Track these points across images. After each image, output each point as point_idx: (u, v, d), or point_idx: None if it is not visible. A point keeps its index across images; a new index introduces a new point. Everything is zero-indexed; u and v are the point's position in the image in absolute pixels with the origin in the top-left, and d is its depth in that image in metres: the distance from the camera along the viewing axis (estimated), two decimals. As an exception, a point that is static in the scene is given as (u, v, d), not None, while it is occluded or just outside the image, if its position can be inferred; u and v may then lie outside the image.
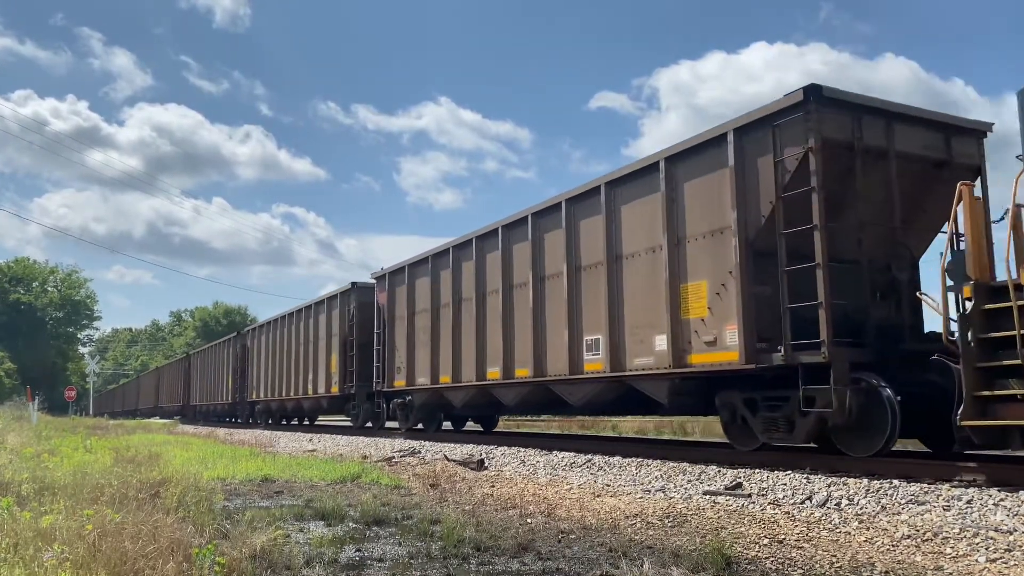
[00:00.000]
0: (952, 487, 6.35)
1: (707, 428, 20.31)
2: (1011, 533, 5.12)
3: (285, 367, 24.82)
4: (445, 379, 14.84)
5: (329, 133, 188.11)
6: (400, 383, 16.79)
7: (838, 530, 5.65)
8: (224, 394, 32.68)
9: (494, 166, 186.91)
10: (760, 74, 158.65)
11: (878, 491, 6.48)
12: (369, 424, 19.13)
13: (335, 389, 20.47)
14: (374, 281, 18.48)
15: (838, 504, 6.43)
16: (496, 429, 19.52)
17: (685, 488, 7.75)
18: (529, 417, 26.56)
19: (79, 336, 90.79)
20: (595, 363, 10.75)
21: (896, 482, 6.68)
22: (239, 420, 31.03)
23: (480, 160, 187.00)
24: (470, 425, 18.78)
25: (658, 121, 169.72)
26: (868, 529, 5.58)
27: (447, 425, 17.92)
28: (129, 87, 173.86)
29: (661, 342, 9.54)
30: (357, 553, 5.10)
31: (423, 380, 15.79)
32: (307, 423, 26.78)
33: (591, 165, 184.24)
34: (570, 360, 11.18)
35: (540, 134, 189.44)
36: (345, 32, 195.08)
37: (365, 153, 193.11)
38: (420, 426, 16.95)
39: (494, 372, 13.27)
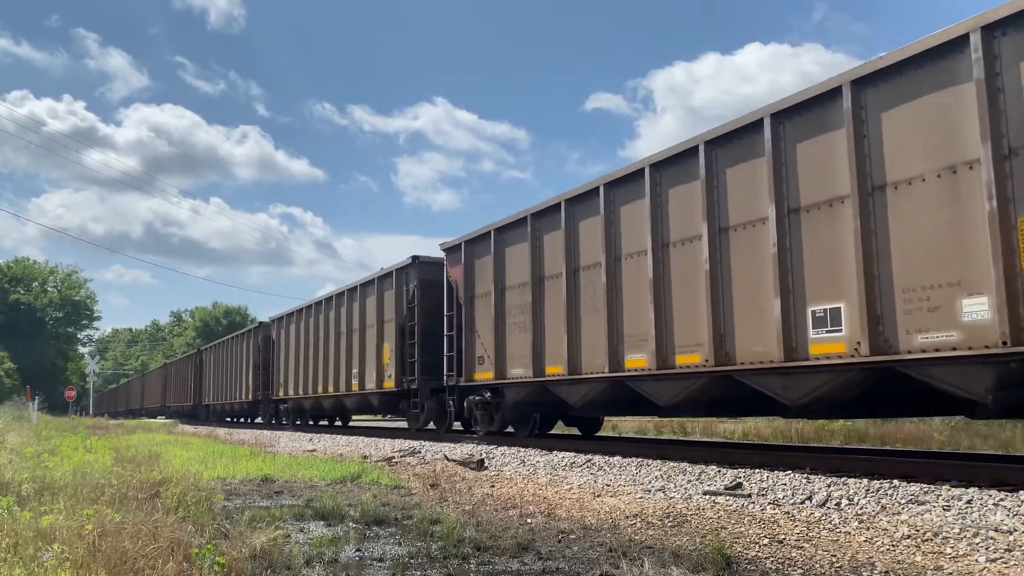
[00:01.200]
0: (952, 487, 6.34)
1: (707, 428, 20.31)
2: (1011, 533, 5.11)
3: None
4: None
5: (326, 134, 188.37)
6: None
7: (838, 530, 5.65)
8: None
9: (491, 167, 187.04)
10: (755, 75, 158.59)
11: (878, 491, 6.48)
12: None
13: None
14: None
15: (838, 504, 6.43)
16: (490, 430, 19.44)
17: (685, 488, 7.74)
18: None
19: (79, 336, 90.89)
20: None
21: (896, 482, 6.67)
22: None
23: (477, 161, 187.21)
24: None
25: (653, 122, 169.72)
26: (868, 529, 5.58)
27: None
28: (125, 88, 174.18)
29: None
30: (357, 553, 5.09)
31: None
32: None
33: (588, 166, 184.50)
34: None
35: (537, 135, 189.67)
36: (340, 33, 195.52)
37: (362, 153, 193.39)
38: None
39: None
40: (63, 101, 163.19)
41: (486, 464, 10.87)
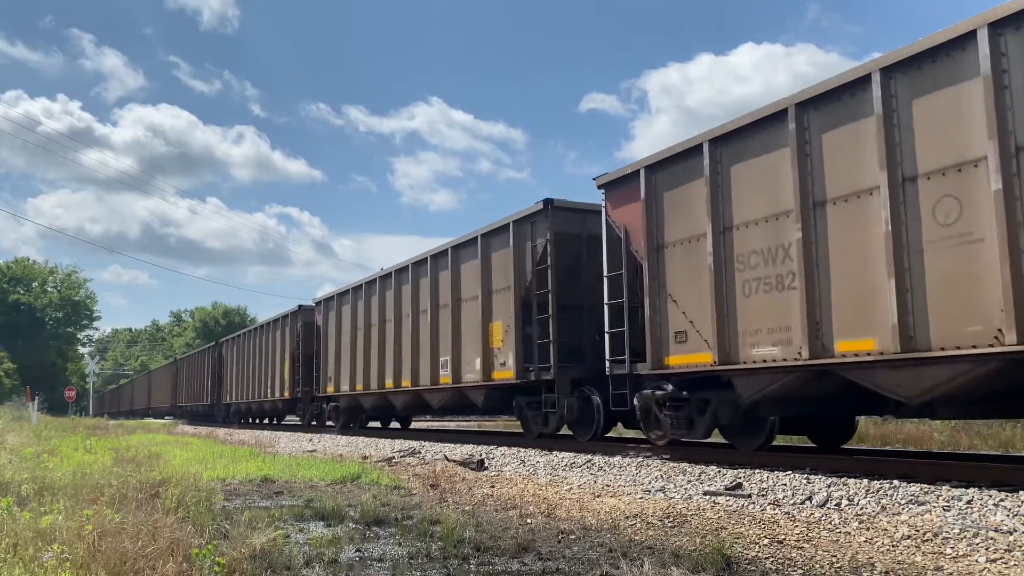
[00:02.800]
0: (952, 487, 6.34)
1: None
2: (1011, 533, 5.12)
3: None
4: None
5: (322, 134, 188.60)
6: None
7: (838, 530, 5.65)
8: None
9: (488, 167, 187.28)
10: (749, 75, 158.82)
11: (878, 491, 6.48)
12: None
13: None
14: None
15: (838, 504, 6.43)
16: (493, 429, 21.45)
17: (685, 488, 7.74)
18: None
19: (79, 336, 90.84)
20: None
21: (896, 482, 6.67)
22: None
23: (474, 161, 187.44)
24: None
25: (649, 123, 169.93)
26: (868, 529, 5.58)
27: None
28: (121, 88, 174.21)
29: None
30: (357, 553, 5.09)
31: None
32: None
33: (585, 167, 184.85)
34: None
35: (533, 135, 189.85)
36: (333, 33, 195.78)
37: (359, 154, 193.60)
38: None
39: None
40: (58, 101, 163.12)
41: (486, 464, 10.87)
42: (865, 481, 6.83)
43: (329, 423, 21.36)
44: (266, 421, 30.76)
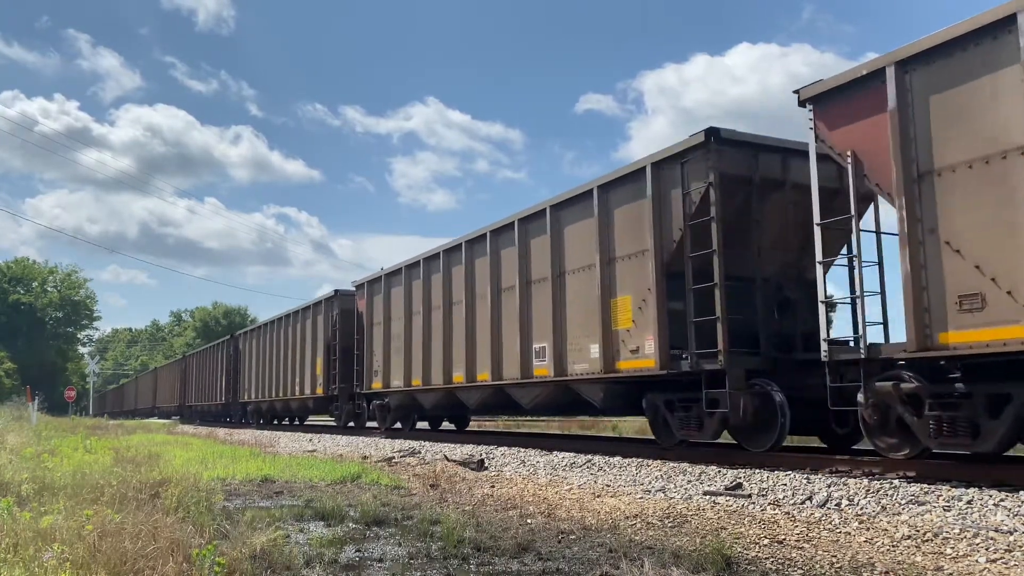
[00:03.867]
0: (952, 487, 6.34)
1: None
2: (1011, 533, 5.12)
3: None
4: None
5: (319, 134, 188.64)
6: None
7: (838, 530, 5.65)
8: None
9: (485, 167, 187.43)
10: (744, 76, 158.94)
11: (878, 491, 6.48)
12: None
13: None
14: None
15: (838, 504, 6.43)
16: (493, 429, 20.20)
17: (685, 488, 7.74)
18: (530, 418, 26.43)
19: (79, 336, 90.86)
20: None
21: (896, 482, 6.67)
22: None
23: (472, 161, 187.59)
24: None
25: (645, 124, 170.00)
26: (868, 529, 5.58)
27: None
28: (118, 88, 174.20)
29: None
30: (357, 553, 5.09)
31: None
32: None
33: (583, 167, 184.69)
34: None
35: (531, 136, 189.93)
36: (328, 34, 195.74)
37: (356, 154, 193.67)
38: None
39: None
40: (55, 101, 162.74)
41: (486, 464, 10.87)
42: (865, 481, 6.83)
43: (371, 424, 18.99)
44: (286, 422, 27.85)
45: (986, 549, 4.84)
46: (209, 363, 35.89)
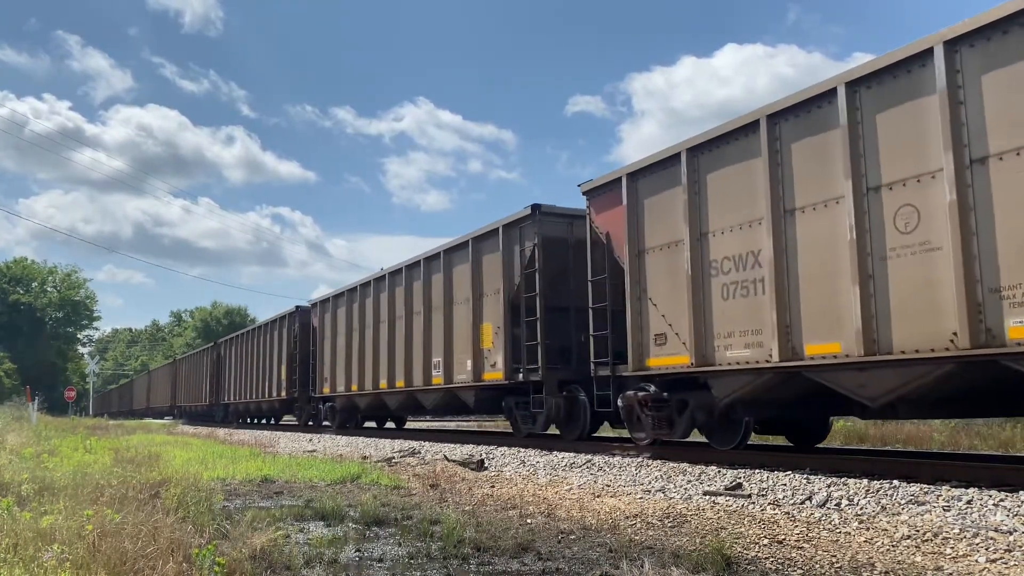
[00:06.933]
0: (952, 487, 6.34)
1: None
2: (1011, 533, 5.12)
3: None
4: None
5: (312, 135, 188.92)
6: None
7: (838, 530, 5.65)
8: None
9: (479, 167, 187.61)
10: (731, 77, 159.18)
11: (878, 491, 6.48)
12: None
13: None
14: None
15: (838, 504, 6.43)
16: (493, 430, 21.03)
17: (685, 488, 7.75)
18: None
19: (79, 336, 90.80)
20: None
21: (896, 482, 6.67)
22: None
23: (465, 161, 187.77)
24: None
25: (636, 125, 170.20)
26: (868, 529, 5.58)
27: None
28: (109, 88, 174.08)
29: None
30: (357, 553, 5.09)
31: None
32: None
33: (576, 168, 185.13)
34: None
35: (523, 137, 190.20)
36: (317, 35, 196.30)
37: (349, 154, 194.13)
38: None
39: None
40: (46, 102, 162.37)
41: (486, 464, 10.87)
42: (865, 481, 6.83)
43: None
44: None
45: (986, 549, 4.84)
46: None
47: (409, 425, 23.77)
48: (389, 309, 17.27)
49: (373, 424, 22.26)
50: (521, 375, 12.30)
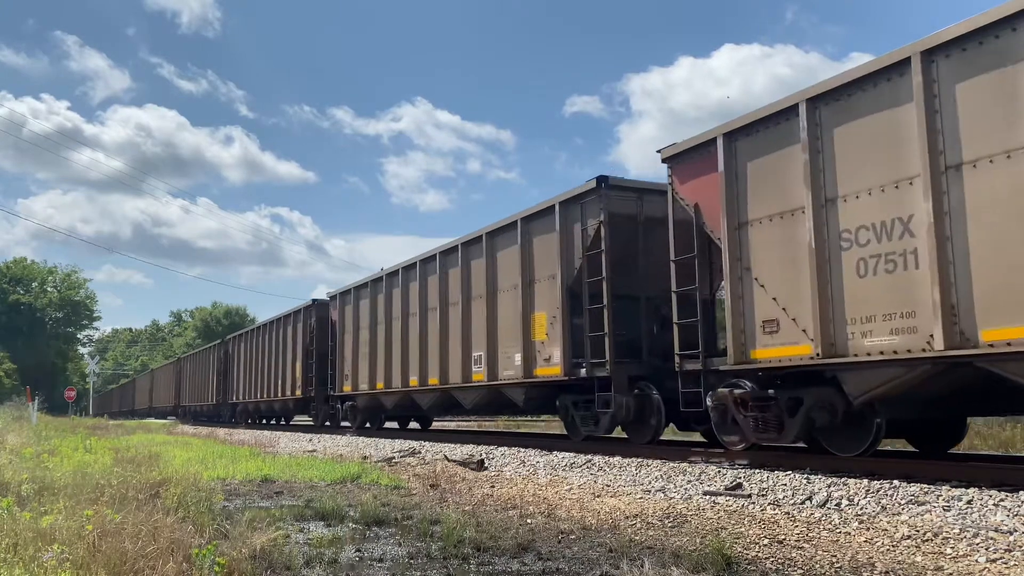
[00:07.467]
0: (952, 487, 6.34)
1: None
2: (1011, 533, 5.12)
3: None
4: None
5: (311, 135, 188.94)
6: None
7: (838, 530, 5.65)
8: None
9: (477, 167, 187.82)
10: (728, 78, 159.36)
11: (878, 491, 6.48)
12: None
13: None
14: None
15: (838, 504, 6.43)
16: (493, 429, 21.20)
17: (685, 488, 7.74)
18: (530, 418, 26.50)
19: (79, 336, 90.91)
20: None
21: (896, 482, 6.67)
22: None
23: (463, 161, 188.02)
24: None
25: (634, 126, 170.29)
26: (868, 529, 5.58)
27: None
28: (107, 88, 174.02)
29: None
30: (357, 553, 5.09)
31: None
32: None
33: (574, 168, 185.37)
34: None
35: (521, 137, 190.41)
36: (313, 36, 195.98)
37: (348, 154, 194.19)
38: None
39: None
40: (44, 102, 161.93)
41: (486, 464, 10.87)
42: (865, 481, 6.83)
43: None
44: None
45: (986, 549, 4.84)
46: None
47: (436, 425, 22.73)
48: (420, 300, 15.78)
49: (395, 425, 21.05)
50: (584, 370, 10.98)
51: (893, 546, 5.11)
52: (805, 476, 7.44)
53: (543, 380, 11.83)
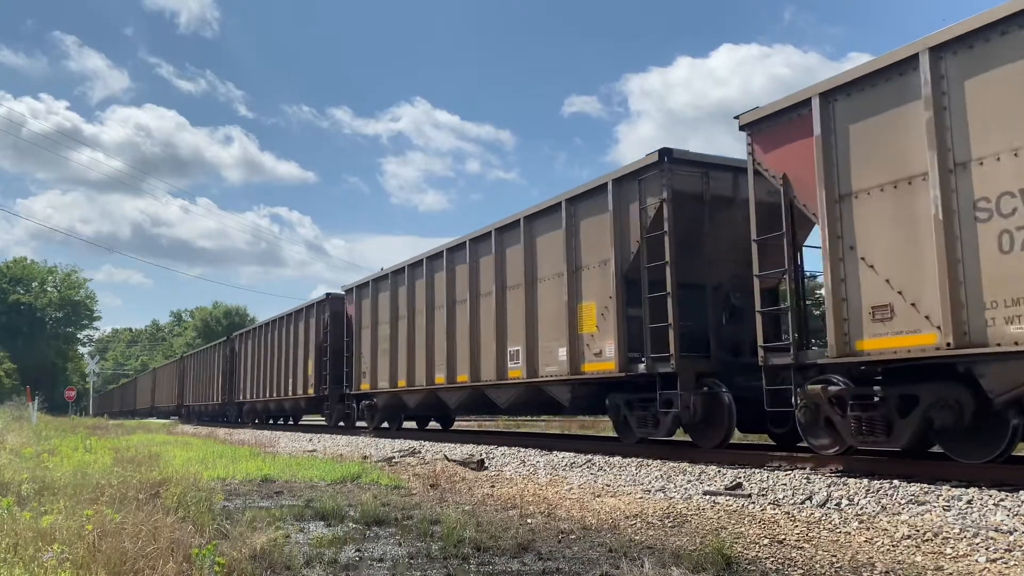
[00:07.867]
0: (952, 487, 6.34)
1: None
2: (1011, 533, 5.12)
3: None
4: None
5: (310, 135, 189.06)
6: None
7: (838, 530, 5.65)
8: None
9: (477, 167, 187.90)
10: (727, 78, 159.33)
11: (878, 491, 6.48)
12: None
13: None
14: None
15: (838, 504, 6.43)
16: (493, 429, 20.82)
17: (685, 488, 7.74)
18: (530, 418, 26.47)
19: (79, 336, 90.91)
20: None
21: (896, 482, 6.67)
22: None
23: (463, 161, 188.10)
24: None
25: (633, 127, 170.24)
26: (868, 529, 5.58)
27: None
28: (106, 88, 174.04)
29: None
30: (357, 553, 5.09)
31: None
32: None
33: (575, 169, 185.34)
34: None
35: (520, 137, 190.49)
36: (311, 36, 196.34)
37: (347, 154, 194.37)
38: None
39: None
40: (43, 101, 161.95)
41: (486, 464, 10.87)
42: (865, 481, 6.83)
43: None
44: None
45: (986, 549, 4.84)
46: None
47: (460, 425, 21.98)
48: (448, 291, 14.65)
49: (413, 424, 20.09)
50: (643, 366, 9.82)
51: (893, 546, 5.11)
52: (805, 476, 7.44)
53: (592, 377, 10.69)
